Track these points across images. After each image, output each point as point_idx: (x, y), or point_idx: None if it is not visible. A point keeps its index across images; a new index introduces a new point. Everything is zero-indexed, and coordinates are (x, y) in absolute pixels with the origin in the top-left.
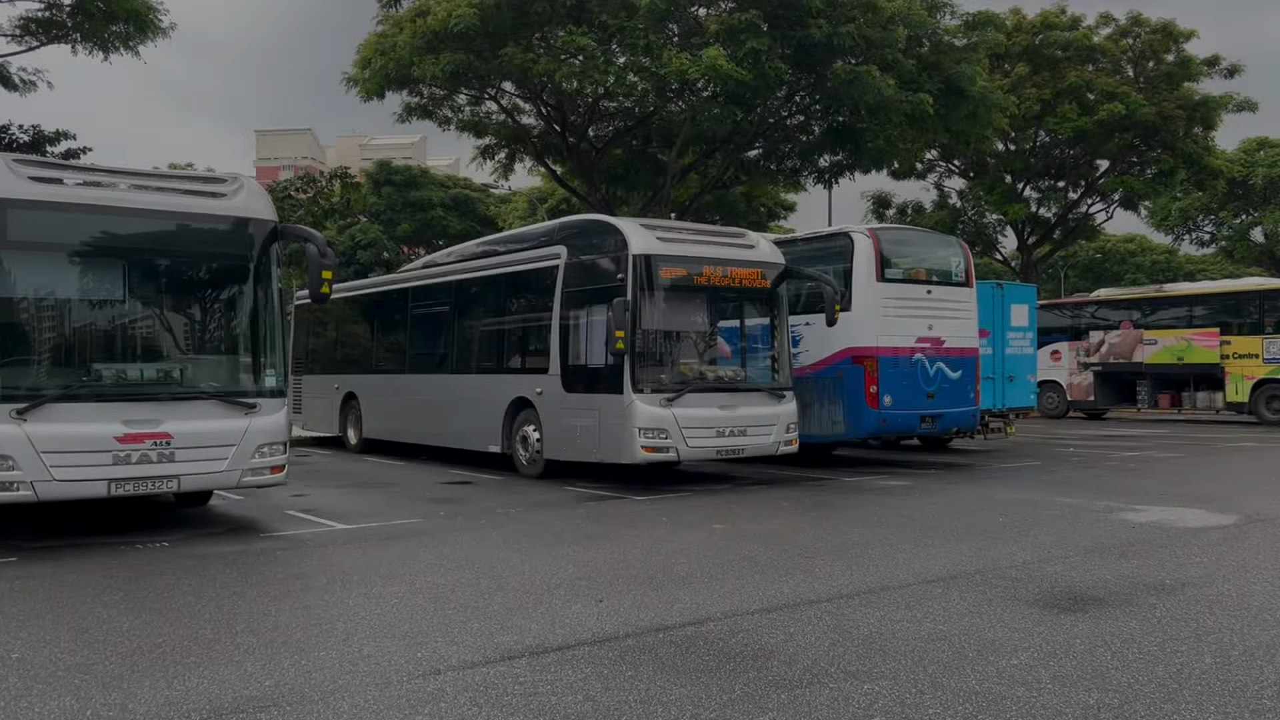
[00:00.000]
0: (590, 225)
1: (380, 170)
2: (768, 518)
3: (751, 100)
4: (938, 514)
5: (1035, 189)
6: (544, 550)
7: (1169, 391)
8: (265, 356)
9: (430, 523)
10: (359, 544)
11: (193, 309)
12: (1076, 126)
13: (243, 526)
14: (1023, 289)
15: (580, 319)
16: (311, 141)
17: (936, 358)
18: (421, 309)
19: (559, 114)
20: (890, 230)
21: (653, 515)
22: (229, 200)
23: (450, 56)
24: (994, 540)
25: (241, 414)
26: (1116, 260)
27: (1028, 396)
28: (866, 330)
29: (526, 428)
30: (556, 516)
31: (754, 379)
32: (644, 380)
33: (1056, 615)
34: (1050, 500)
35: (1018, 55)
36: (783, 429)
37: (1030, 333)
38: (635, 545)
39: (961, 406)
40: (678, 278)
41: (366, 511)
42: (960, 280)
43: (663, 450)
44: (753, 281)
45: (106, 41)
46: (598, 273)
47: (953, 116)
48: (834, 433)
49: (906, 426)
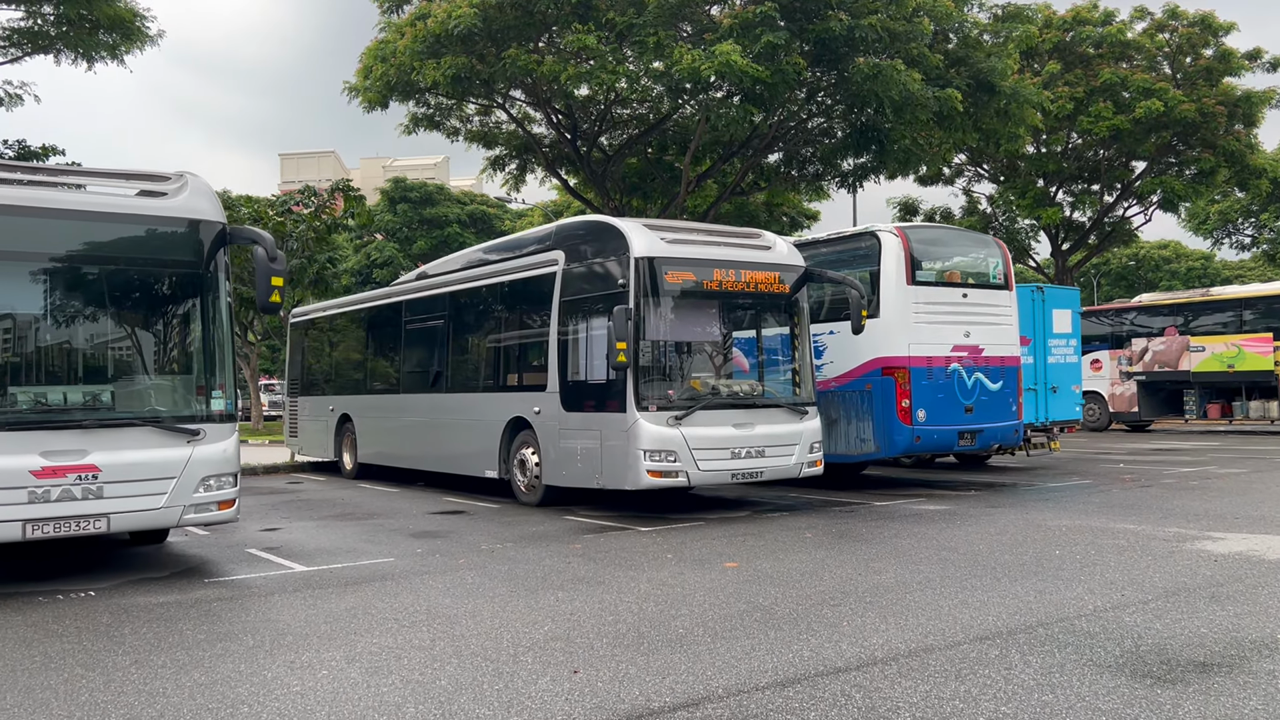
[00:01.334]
0: (589, 227)
1: (396, 188)
2: (788, 552)
3: (770, 100)
4: (984, 546)
5: (1068, 193)
6: (523, 599)
7: (1219, 401)
8: (212, 376)
9: (403, 563)
10: (311, 592)
11: (127, 323)
12: (1112, 125)
13: (191, 569)
14: (1065, 293)
15: (580, 330)
16: (336, 164)
17: (975, 367)
18: (415, 324)
19: (569, 122)
20: (921, 229)
21: (657, 551)
22: (169, 200)
23: (452, 60)
24: (1054, 579)
25: (182, 442)
26: (1150, 267)
27: (1072, 409)
28: (897, 338)
29: (524, 450)
30: (547, 553)
31: (773, 394)
32: (649, 397)
33: (1151, 689)
34: (1110, 527)
35: (1048, 53)
36: (805, 449)
37: (1074, 339)
38: (631, 591)
39: (1003, 421)
40: (686, 283)
41: (337, 549)
42: (999, 282)
43: (671, 475)
44: (770, 286)
45: (91, 51)
46: (598, 279)
47: (983, 114)
48: (863, 452)
49: (943, 444)
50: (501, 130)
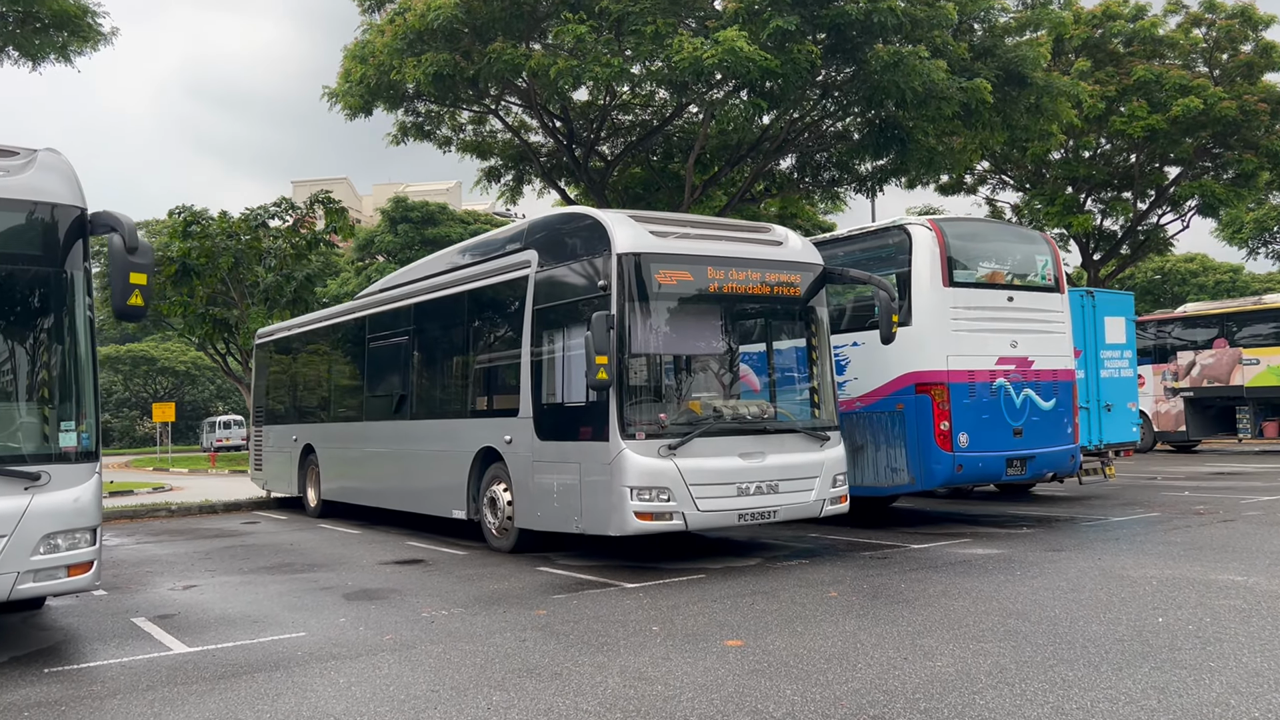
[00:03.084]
0: (565, 221)
1: (396, 207)
2: (808, 622)
3: (780, 95)
4: (1060, 610)
5: (1097, 200)
6: (445, 706)
7: (1276, 418)
8: (65, 404)
9: (314, 639)
10: (170, 690)
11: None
12: (1148, 125)
13: (43, 651)
14: (1118, 298)
15: (556, 344)
16: (348, 190)
17: (1024, 383)
18: (378, 341)
19: (566, 128)
20: (958, 222)
21: (640, 620)
22: (8, 179)
23: (433, 57)
24: (1172, 667)
25: (17, 489)
26: (1177, 280)
27: (1128, 430)
28: (933, 349)
29: (496, 487)
30: (501, 624)
31: (787, 416)
32: (637, 422)
33: None
34: (1213, 579)
35: (1076, 50)
36: (828, 482)
37: (1129, 350)
38: (595, 691)
39: (1057, 445)
40: (680, 284)
41: (245, 617)
42: (1049, 284)
43: (663, 517)
44: (782, 287)
45: (36, 50)
46: (576, 282)
47: (1012, 110)
48: (895, 484)
49: (989, 474)
50: (496, 140)
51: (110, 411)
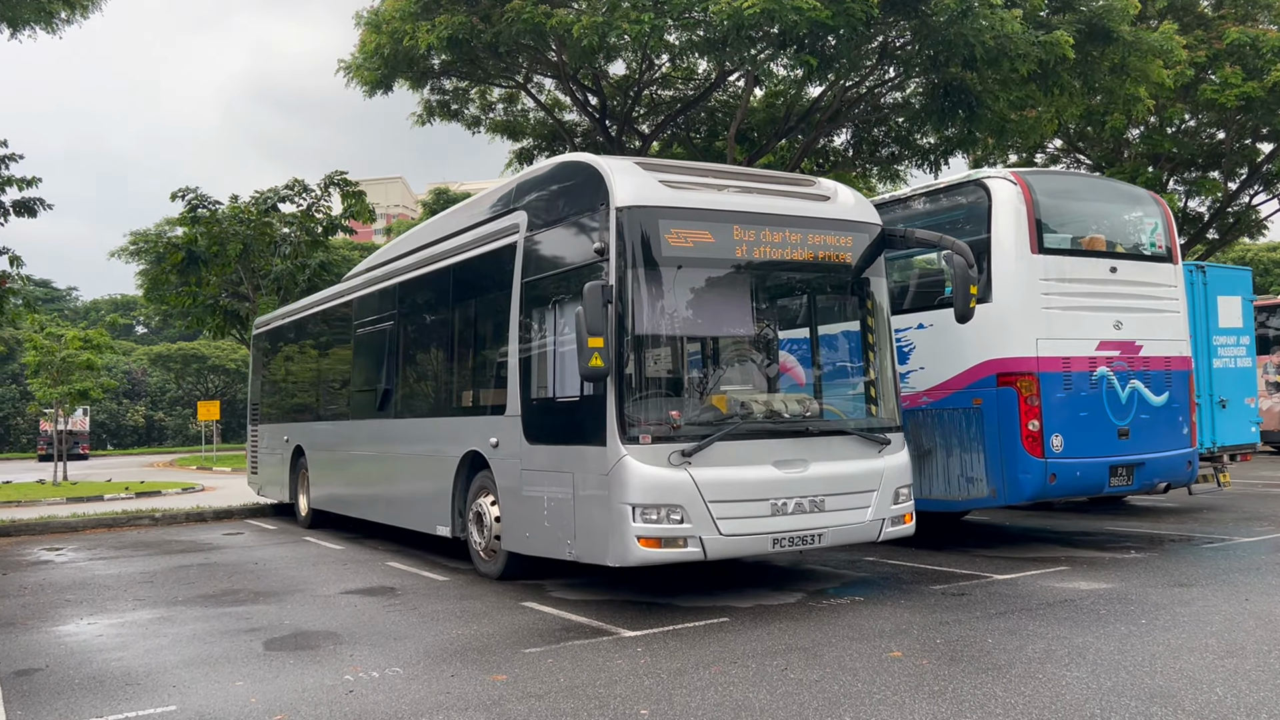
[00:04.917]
0: (557, 172)
1: (437, 198)
2: (862, 704)
3: (833, 53)
4: (1221, 686)
5: (1181, 180)
6: None
7: None
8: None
9: (183, 717)
10: None
11: None
12: (1243, 93)
13: None
14: (1234, 274)
15: (547, 324)
16: (403, 190)
17: (1130, 373)
18: (365, 327)
19: (600, 102)
20: (1048, 175)
21: (627, 697)
22: None
23: (447, 20)
24: None
25: None
26: (1259, 270)
27: (1247, 429)
28: (1019, 331)
29: (483, 499)
30: (441, 698)
31: (836, 414)
32: (641, 421)
33: None
34: None
35: (1160, 13)
36: (887, 497)
37: (1245, 336)
38: None
39: (1171, 448)
40: (698, 246)
41: (124, 676)
42: (1160, 253)
43: (675, 543)
44: (830, 253)
45: (14, 14)
46: (569, 246)
47: (1094, 71)
48: (971, 497)
49: (1088, 485)
50: (529, 119)
51: (164, 410)
